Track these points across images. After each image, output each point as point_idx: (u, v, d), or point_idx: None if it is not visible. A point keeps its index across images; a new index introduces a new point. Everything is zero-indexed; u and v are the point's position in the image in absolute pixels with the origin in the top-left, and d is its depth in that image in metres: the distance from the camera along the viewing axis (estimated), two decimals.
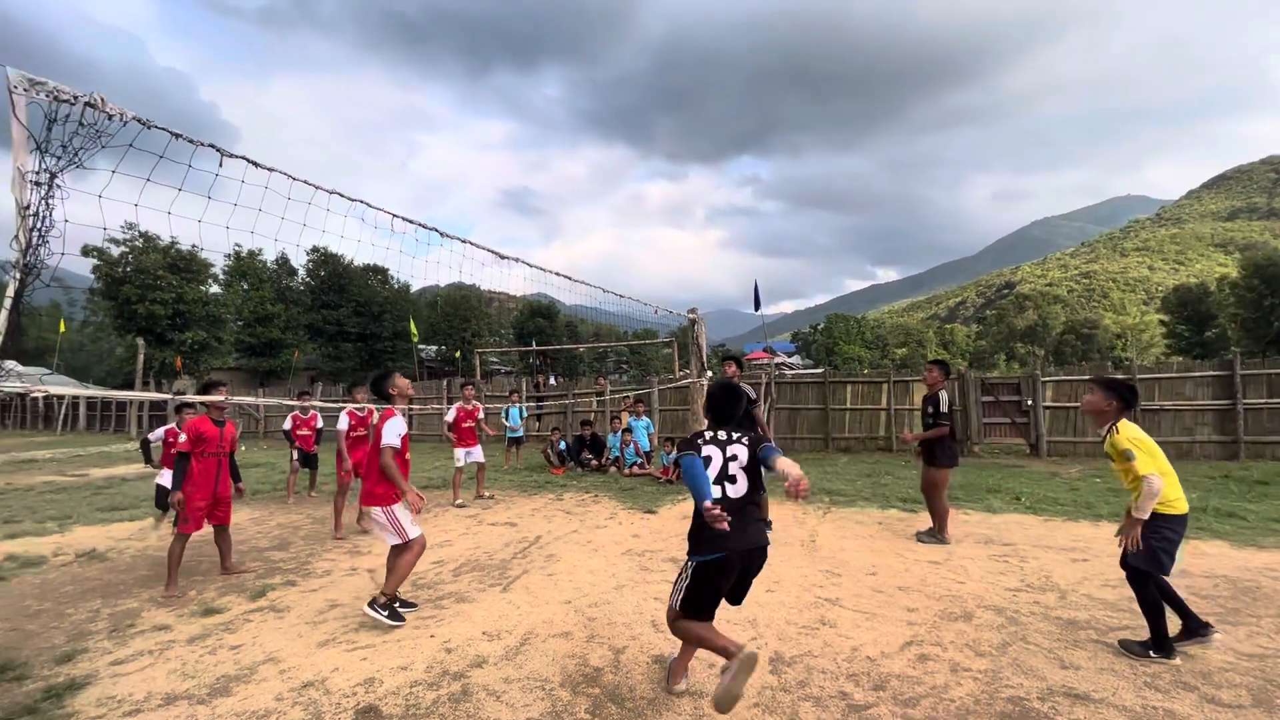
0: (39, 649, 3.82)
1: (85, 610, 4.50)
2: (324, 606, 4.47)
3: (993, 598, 4.36)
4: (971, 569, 5.02)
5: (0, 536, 6.78)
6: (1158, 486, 3.36)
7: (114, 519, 7.71)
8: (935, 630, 3.81)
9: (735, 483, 2.90)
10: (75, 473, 12.71)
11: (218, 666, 3.52)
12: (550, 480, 10.27)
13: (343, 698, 3.13)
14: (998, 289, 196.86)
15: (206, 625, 4.15)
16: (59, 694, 3.22)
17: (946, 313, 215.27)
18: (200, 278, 31.05)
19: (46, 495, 9.73)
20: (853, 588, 4.62)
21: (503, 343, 48.52)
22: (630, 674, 3.32)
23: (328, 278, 37.97)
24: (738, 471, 2.91)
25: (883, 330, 76.01)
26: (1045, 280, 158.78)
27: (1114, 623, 3.87)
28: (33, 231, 1.96)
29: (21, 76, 1.95)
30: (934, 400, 6.02)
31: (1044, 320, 65.10)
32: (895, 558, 5.38)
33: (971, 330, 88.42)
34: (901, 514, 7.08)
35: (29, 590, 5.01)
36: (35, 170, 2.01)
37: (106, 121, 2.18)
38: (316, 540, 6.49)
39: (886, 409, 13.52)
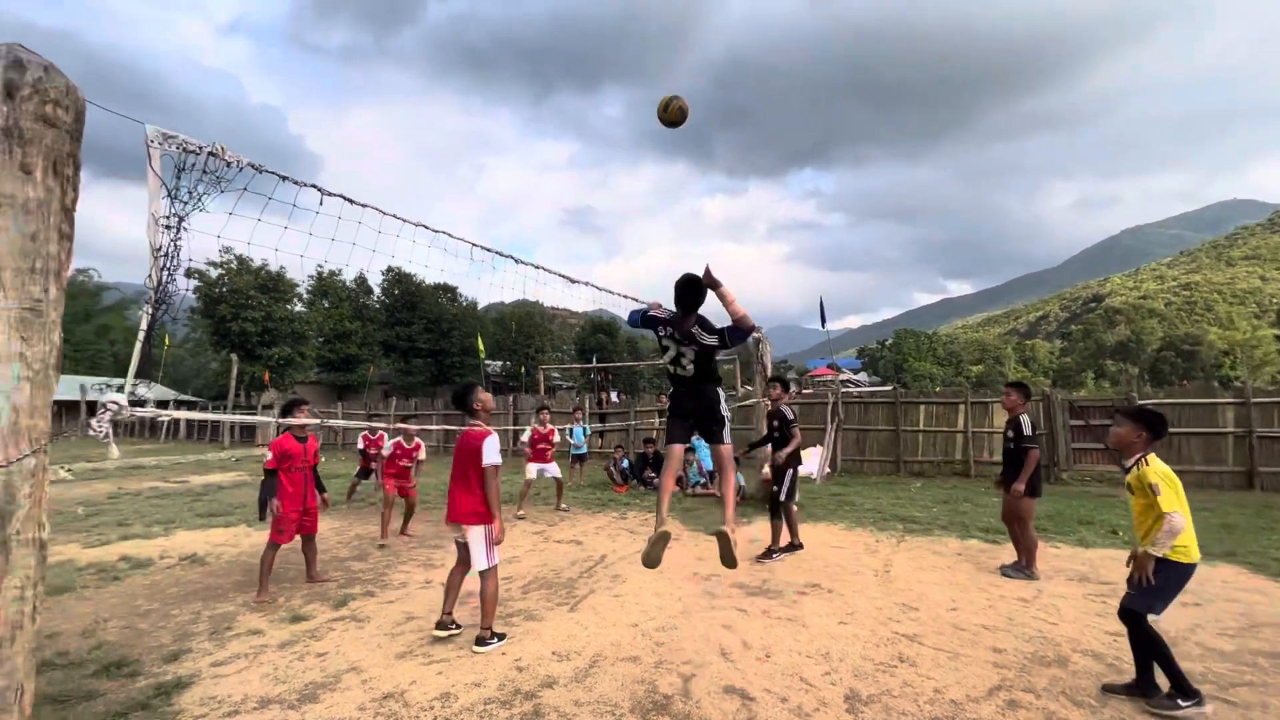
0: (149, 647, 4.14)
1: (188, 612, 4.85)
2: (401, 618, 4.64)
3: (1090, 642, 4.04)
4: (1065, 609, 4.67)
5: (115, 538, 7.42)
6: (1179, 525, 3.18)
7: (212, 524, 8.29)
8: (1026, 674, 3.56)
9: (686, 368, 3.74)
10: (176, 479, 13.77)
11: (306, 673, 3.70)
12: (614, 498, 10.32)
13: (421, 711, 3.23)
14: (1084, 302, 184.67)
15: (295, 632, 4.39)
16: (167, 692, 3.47)
17: (1026, 328, 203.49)
18: (286, 297, 33.31)
19: (153, 500, 10.58)
20: (932, 624, 4.39)
21: (565, 359, 49.43)
22: (701, 704, 3.27)
23: (401, 296, 39.90)
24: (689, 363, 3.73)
25: (956, 346, 72.64)
26: (1139, 293, 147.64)
27: (1234, 677, 3.50)
28: (164, 271, 2.16)
29: (157, 131, 2.17)
30: (1015, 424, 5.68)
31: (1138, 336, 60.47)
32: (978, 593, 5.08)
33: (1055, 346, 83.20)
34: (983, 545, 6.69)
35: (139, 590, 5.44)
36: (166, 215, 2.22)
37: (225, 167, 2.38)
38: (392, 552, 6.75)
39: (964, 431, 12.85)
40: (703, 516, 8.50)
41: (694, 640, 4.14)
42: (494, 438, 4.19)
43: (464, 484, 4.16)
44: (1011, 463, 5.68)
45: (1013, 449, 5.67)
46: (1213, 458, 10.69)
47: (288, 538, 5.29)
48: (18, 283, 1.77)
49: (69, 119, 1.91)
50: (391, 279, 40.27)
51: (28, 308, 1.79)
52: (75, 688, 3.51)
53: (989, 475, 12.27)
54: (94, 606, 4.99)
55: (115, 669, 3.77)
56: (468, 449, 4.19)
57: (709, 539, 7.22)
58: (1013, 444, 5.68)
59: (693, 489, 10.65)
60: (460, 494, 4.16)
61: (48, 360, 1.85)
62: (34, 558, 1.80)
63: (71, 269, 1.98)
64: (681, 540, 7.16)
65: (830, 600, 4.91)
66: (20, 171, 1.78)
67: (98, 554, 6.66)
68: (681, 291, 3.63)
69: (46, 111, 1.83)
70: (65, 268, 1.92)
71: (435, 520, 8.54)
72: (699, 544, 6.94)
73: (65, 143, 1.89)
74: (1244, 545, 6.45)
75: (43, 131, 1.83)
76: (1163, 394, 11.65)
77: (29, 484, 1.78)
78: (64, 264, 1.91)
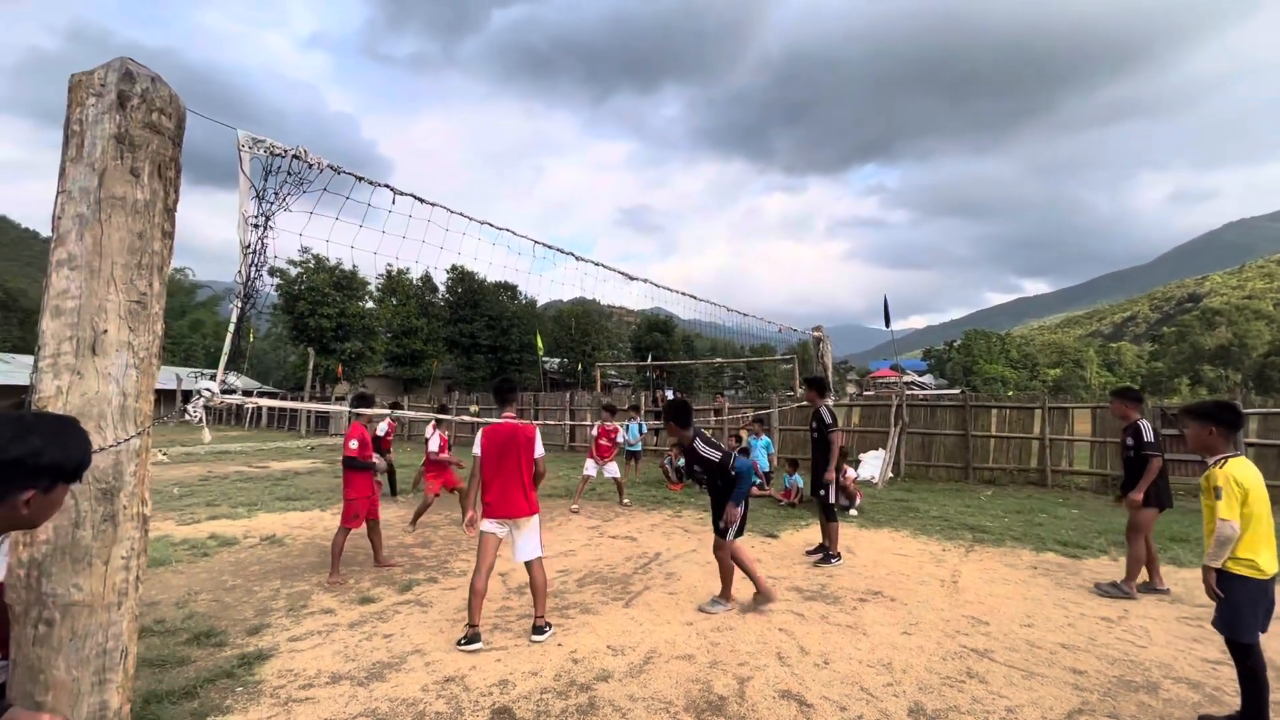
0: (234, 619, 4.43)
1: (268, 589, 5.17)
2: (462, 604, 4.78)
3: (1184, 668, 3.73)
4: (1155, 632, 4.33)
5: (205, 518, 8.00)
6: (1228, 534, 2.92)
7: (289, 508, 8.81)
8: (1110, 699, 3.33)
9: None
10: (258, 465, 14.71)
11: (373, 653, 3.88)
12: (669, 496, 10.31)
13: (480, 696, 3.32)
14: (1178, 302, 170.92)
15: (364, 613, 4.60)
16: (250, 662, 3.70)
17: (1111, 329, 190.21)
18: (358, 294, 35.00)
19: (238, 484, 11.35)
20: (1004, 639, 4.16)
21: (621, 356, 49.79)
22: (756, 707, 3.22)
23: (464, 294, 41.20)
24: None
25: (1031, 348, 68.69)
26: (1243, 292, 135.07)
27: None
28: (251, 267, 2.30)
29: (247, 136, 2.31)
30: (1135, 430, 5.34)
31: (1241, 339, 55.45)
32: (1055, 609, 4.78)
33: (1144, 350, 77.36)
34: (1061, 559, 6.29)
35: (226, 566, 5.84)
36: (255, 214, 2.36)
37: (307, 169, 2.51)
38: (454, 540, 6.98)
39: (1040, 438, 12.12)
40: (759, 518, 8.37)
41: (749, 642, 4.08)
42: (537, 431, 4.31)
43: (516, 476, 4.10)
44: (1132, 471, 5.34)
45: (1132, 457, 5.34)
46: None
47: (359, 523, 5.55)
48: (126, 277, 1.93)
49: (172, 126, 2.05)
50: (455, 277, 41.63)
51: (135, 300, 1.94)
52: (170, 654, 3.80)
53: (1068, 485, 11.57)
54: (187, 580, 5.39)
55: (205, 638, 4.06)
56: (516, 441, 4.13)
57: (764, 540, 7.11)
58: (1132, 451, 5.35)
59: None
60: (514, 488, 4.09)
61: (151, 349, 2.00)
62: (138, 530, 1.95)
63: (171, 266, 2.14)
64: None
65: (893, 609, 4.74)
66: (129, 175, 1.94)
67: (190, 531, 7.20)
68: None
69: (153, 119, 1.98)
70: (167, 264, 2.07)
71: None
72: (754, 545, 6.84)
73: (169, 148, 2.04)
74: None
75: (149, 138, 1.98)
76: (1271, 403, 10.62)
77: (134, 463, 1.94)
78: (166, 260, 2.07)
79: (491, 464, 4.10)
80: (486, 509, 4.10)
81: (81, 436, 1.43)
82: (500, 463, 4.10)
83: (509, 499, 4.08)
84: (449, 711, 3.16)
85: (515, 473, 4.11)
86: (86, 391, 1.85)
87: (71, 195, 1.89)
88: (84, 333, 1.86)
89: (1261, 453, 10.23)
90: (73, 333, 1.85)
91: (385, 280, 39.95)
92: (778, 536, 7.28)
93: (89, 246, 1.87)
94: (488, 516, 4.11)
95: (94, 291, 1.87)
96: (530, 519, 4.16)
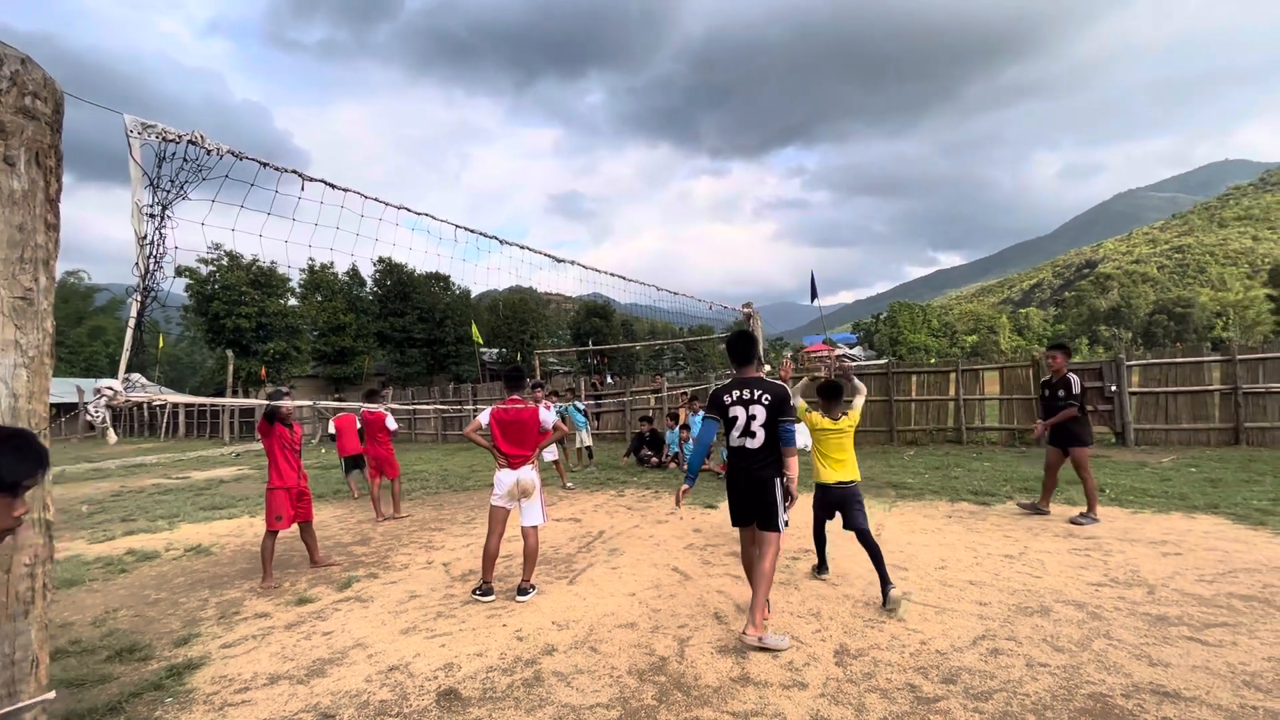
0: (159, 633, 4.24)
1: (196, 599, 4.96)
2: (404, 597, 4.76)
3: (1072, 592, 4.17)
4: (1049, 563, 4.81)
5: (120, 533, 7.52)
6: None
7: (215, 517, 8.39)
8: (1009, 625, 3.70)
9: (755, 437, 3.64)
10: (178, 476, 13.86)
11: (313, 651, 3.81)
12: (611, 477, 10.45)
13: (425, 680, 3.34)
14: (1077, 269, 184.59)
15: (301, 614, 4.50)
16: (179, 672, 3.57)
17: (1020, 296, 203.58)
18: (279, 292, 33.14)
19: (155, 496, 10.67)
20: (920, 582, 4.53)
21: (560, 344, 49.45)
22: (695, 663, 3.39)
23: (393, 287, 39.71)
24: (758, 429, 3.62)
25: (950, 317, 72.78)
26: (1131, 257, 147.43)
27: (1209, 619, 3.64)
28: (149, 259, 2.21)
29: (136, 121, 2.20)
30: (1065, 384, 6.18)
31: (1128, 301, 60.71)
32: (965, 551, 5.22)
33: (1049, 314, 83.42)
34: (973, 507, 6.84)
35: (147, 581, 5.54)
36: (149, 204, 2.26)
37: (205, 156, 2.41)
38: (393, 536, 6.86)
39: (955, 399, 12.99)
40: (699, 491, 8.62)
41: (689, 606, 4.26)
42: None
43: (523, 444, 4.72)
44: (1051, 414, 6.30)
45: (1059, 409, 6.21)
46: (1200, 415, 10.85)
47: (286, 524, 5.34)
48: (8, 272, 1.83)
49: (48, 111, 1.94)
50: (383, 270, 40.04)
51: (19, 296, 1.84)
52: (89, 672, 3.61)
53: (980, 440, 12.47)
54: (103, 598, 5.09)
55: (127, 654, 3.87)
56: (523, 418, 4.70)
57: (704, 511, 7.35)
58: (1063, 403, 6.18)
59: None
60: (524, 451, 4.71)
61: (42, 348, 1.91)
62: (41, 536, 1.87)
63: (61, 270, 2.03)
64: (678, 514, 7.28)
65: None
66: (3, 163, 1.82)
67: (104, 549, 6.76)
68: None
69: (26, 104, 1.87)
70: (53, 257, 1.97)
71: (435, 505, 8.67)
72: (695, 516, 7.07)
73: (46, 134, 1.93)
74: (1227, 498, 6.60)
75: (23, 124, 1.86)
76: (1151, 355, 11.77)
77: None
78: (52, 254, 1.96)
79: (502, 434, 4.70)
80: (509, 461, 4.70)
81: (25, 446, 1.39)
82: (508, 433, 4.70)
83: (521, 458, 4.73)
84: (394, 699, 3.17)
85: (523, 441, 4.73)
86: None
87: None
88: None
89: (1143, 400, 11.33)
90: None
91: (308, 275, 37.95)
92: (716, 507, 7.54)
93: None
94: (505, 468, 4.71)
95: None
96: (536, 488, 4.73)
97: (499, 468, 4.73)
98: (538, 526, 4.76)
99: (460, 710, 3.02)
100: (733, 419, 3.71)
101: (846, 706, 2.89)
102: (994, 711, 2.78)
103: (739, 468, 3.74)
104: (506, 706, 3.03)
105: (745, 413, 3.66)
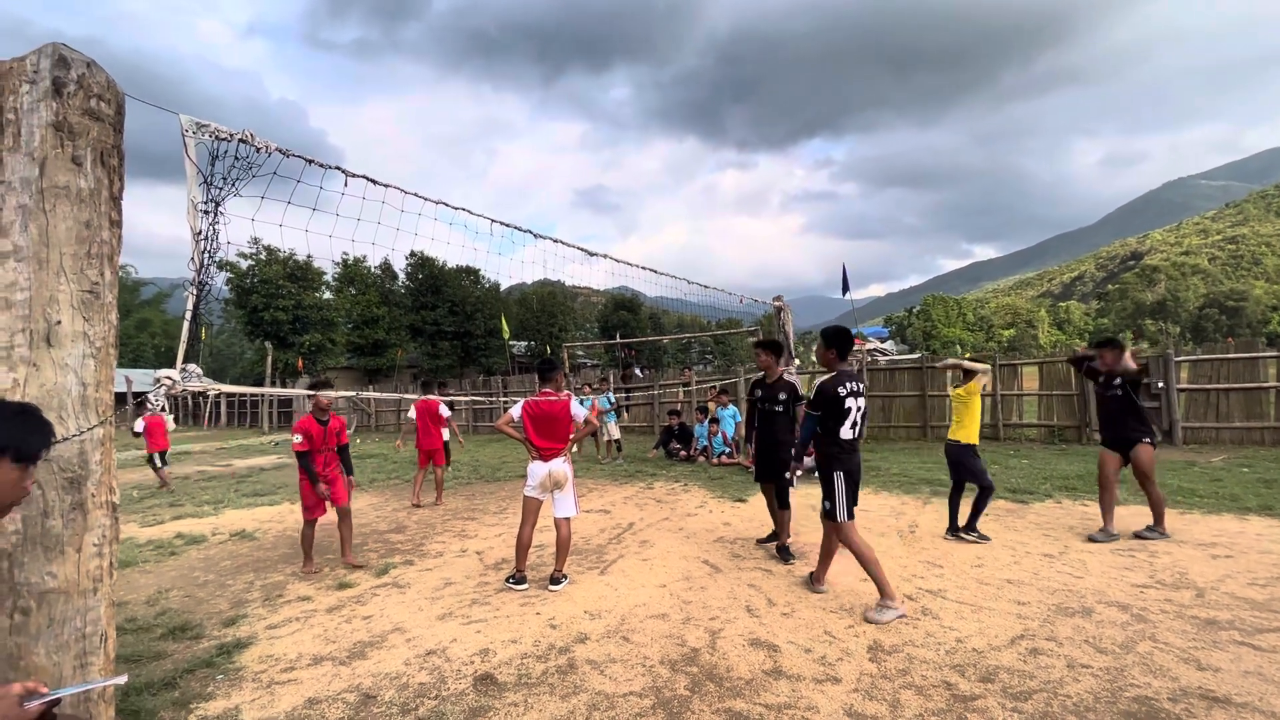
0: (209, 613, 4.43)
1: (242, 581, 5.15)
2: (440, 584, 4.87)
3: (1116, 594, 4.06)
4: (1091, 564, 4.68)
5: (169, 518, 7.84)
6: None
7: (257, 503, 8.69)
8: (1049, 625, 3.62)
9: (857, 428, 4.04)
10: (221, 464, 14.37)
11: (353, 634, 3.94)
12: (640, 470, 10.49)
13: (462, 665, 3.43)
14: (1121, 260, 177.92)
15: (341, 598, 4.64)
16: (229, 651, 3.73)
17: (1060, 289, 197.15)
18: (315, 285, 34.01)
19: (200, 483, 11.11)
20: (956, 579, 4.45)
21: (588, 337, 49.69)
22: (727, 655, 3.40)
23: (425, 280, 40.39)
24: (859, 418, 4.03)
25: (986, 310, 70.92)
26: (1181, 249, 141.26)
27: (1263, 624, 3.51)
28: (204, 254, 2.30)
29: (191, 121, 2.29)
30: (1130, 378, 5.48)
31: (1175, 294, 58.31)
32: (1003, 550, 5.11)
33: (1091, 308, 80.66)
34: (1010, 505, 6.68)
35: (195, 564, 5.78)
36: (204, 201, 2.35)
37: (255, 154, 2.49)
38: (427, 524, 7.02)
39: (992, 394, 12.68)
40: (728, 485, 8.62)
41: (720, 598, 4.27)
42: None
43: (556, 435, 4.76)
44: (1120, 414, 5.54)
45: (1121, 397, 5.49)
46: (1254, 413, 10.39)
47: (320, 511, 5.39)
48: (76, 267, 1.92)
49: (111, 112, 2.03)
50: (415, 263, 40.75)
51: (87, 290, 1.94)
52: (145, 649, 3.79)
53: (1018, 437, 12.16)
54: (156, 579, 5.33)
55: (180, 632, 4.06)
56: (554, 410, 4.74)
57: (734, 504, 7.34)
58: (1120, 392, 5.49)
59: (717, 458, 10.77)
60: (557, 443, 4.76)
61: (108, 339, 2.00)
62: (108, 518, 1.97)
63: (120, 256, 2.12)
64: (708, 507, 7.29)
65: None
66: (71, 163, 1.92)
67: (154, 532, 7.07)
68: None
69: (91, 105, 1.96)
70: (117, 253, 2.06)
71: (467, 495, 8.83)
72: (725, 510, 7.06)
73: (109, 135, 2.02)
74: (1276, 496, 6.33)
75: (89, 125, 1.95)
76: (1201, 350, 11.31)
77: (99, 451, 1.95)
78: (115, 250, 2.06)
79: (534, 427, 4.75)
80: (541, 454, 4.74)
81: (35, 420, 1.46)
82: (540, 426, 4.75)
83: (553, 450, 4.78)
84: (432, 681, 3.26)
85: (555, 434, 4.77)
86: (45, 383, 1.85)
87: (12, 186, 1.86)
88: (37, 325, 1.85)
89: (1192, 397, 10.90)
90: (25, 325, 1.84)
91: (342, 269, 38.84)
92: (746, 500, 7.52)
93: (35, 237, 1.85)
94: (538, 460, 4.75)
95: (44, 283, 1.86)
96: (568, 480, 4.77)
97: (532, 459, 4.78)
98: (570, 518, 4.82)
99: (496, 695, 3.09)
100: (846, 410, 3.97)
101: (881, 702, 2.87)
102: (1033, 712, 2.73)
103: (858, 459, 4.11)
104: (541, 692, 3.09)
105: (857, 404, 3.99)
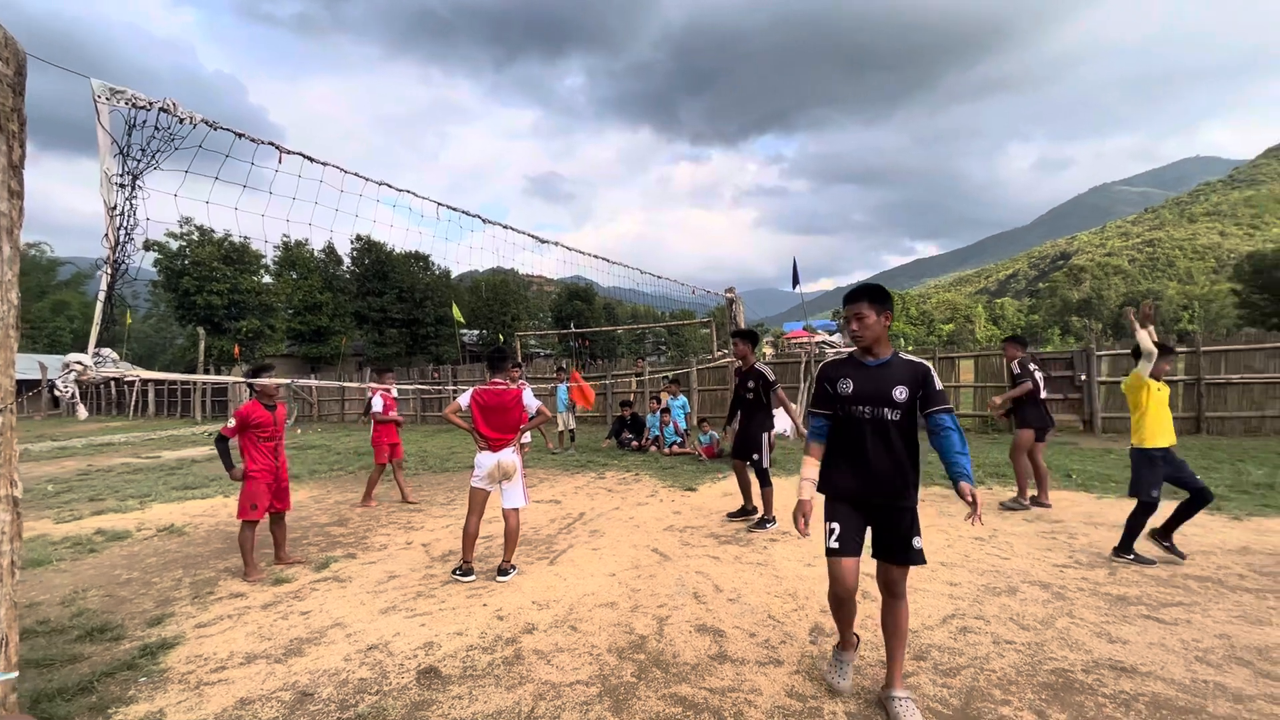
0: (131, 613, 4.18)
1: (169, 579, 4.88)
2: (383, 577, 4.74)
3: (1039, 573, 4.31)
4: (1017, 545, 4.96)
5: (88, 513, 7.36)
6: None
7: (188, 497, 8.25)
8: (978, 604, 3.81)
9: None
10: (149, 455, 13.58)
11: (290, 630, 3.79)
12: (592, 460, 10.48)
13: (405, 659, 3.35)
14: (1052, 260, 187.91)
15: (277, 593, 4.46)
16: (153, 652, 3.53)
17: (996, 286, 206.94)
18: (253, 268, 32.40)
19: (125, 475, 10.45)
20: None
21: (542, 326, 49.14)
22: (674, 641, 3.45)
23: (371, 266, 39.04)
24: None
25: (928, 305, 73.75)
26: (1104, 250, 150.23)
27: (1166, 599, 3.79)
28: (119, 230, 2.14)
29: (104, 86, 2.12)
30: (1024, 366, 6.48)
31: (1099, 292, 62.09)
32: (938, 534, 5.35)
33: (1024, 304, 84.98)
34: (944, 491, 6.99)
35: (118, 561, 5.45)
36: (119, 173, 2.18)
37: (178, 125, 2.34)
38: (371, 516, 6.82)
39: None
40: (679, 474, 8.71)
41: (668, 586, 4.32)
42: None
43: (505, 425, 4.70)
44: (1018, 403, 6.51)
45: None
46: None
47: (260, 513, 4.92)
48: None
49: (10, 72, 1.86)
50: (361, 248, 39.32)
51: None
52: (58, 653, 3.55)
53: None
54: (72, 578, 4.99)
55: (98, 634, 3.81)
56: (504, 401, 4.68)
57: (684, 493, 7.42)
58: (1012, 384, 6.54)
59: (669, 448, 10.86)
60: (505, 433, 4.69)
61: (6, 319, 1.85)
62: (9, 514, 1.83)
63: (22, 242, 1.96)
64: (659, 496, 7.35)
65: (799, 546, 5.13)
66: None
67: (71, 529, 6.62)
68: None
69: None
70: (17, 226, 1.90)
71: (413, 486, 8.62)
72: (675, 499, 7.13)
73: (8, 96, 1.85)
74: None
75: None
76: (1120, 346, 12.07)
77: None
78: (16, 222, 1.89)
79: (482, 417, 4.66)
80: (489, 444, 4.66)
81: None
82: (489, 416, 4.67)
83: (502, 441, 4.71)
84: (374, 677, 3.18)
85: (504, 424, 4.71)
86: None
87: None
88: None
89: (1111, 389, 11.64)
90: None
91: (283, 252, 37.09)
92: (696, 490, 7.62)
93: None
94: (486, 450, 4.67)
95: None
96: (517, 471, 4.71)
97: (479, 450, 4.70)
98: (519, 509, 4.76)
99: (441, 688, 3.04)
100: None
101: (819, 683, 2.97)
102: (961, 686, 2.88)
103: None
104: (487, 684, 3.05)
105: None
